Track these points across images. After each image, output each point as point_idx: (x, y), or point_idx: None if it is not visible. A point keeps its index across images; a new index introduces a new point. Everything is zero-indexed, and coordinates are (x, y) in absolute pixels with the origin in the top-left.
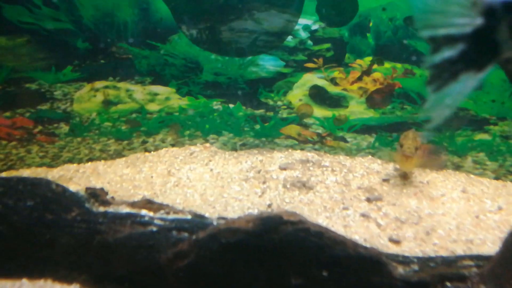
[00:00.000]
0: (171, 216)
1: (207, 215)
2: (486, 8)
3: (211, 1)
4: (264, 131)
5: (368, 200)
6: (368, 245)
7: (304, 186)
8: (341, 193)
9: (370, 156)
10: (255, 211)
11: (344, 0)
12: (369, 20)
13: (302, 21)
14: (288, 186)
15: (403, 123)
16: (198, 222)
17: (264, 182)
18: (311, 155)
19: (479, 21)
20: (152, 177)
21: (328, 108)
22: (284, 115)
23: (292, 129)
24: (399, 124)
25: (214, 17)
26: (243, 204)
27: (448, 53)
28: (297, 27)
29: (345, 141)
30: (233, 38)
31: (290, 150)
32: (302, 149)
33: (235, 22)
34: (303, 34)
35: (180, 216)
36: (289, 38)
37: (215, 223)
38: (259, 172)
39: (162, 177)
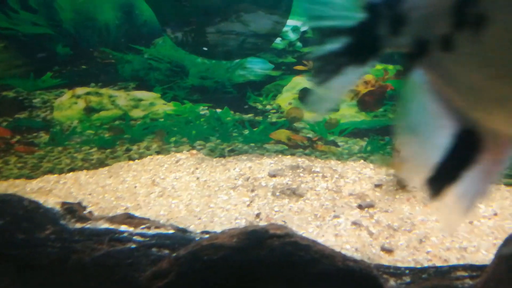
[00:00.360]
0: (152, 231)
1: (192, 227)
2: (369, 3)
3: (197, 2)
4: (253, 136)
5: (360, 207)
6: (359, 256)
7: (294, 193)
8: (332, 200)
9: (362, 161)
10: (243, 222)
11: None
12: None
13: (291, 22)
14: (277, 194)
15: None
16: (180, 237)
17: (252, 190)
18: (301, 160)
19: (361, 15)
20: (135, 187)
21: None
22: (274, 120)
23: (282, 134)
24: (391, 127)
25: (199, 19)
26: (231, 215)
27: (332, 45)
28: (285, 28)
29: (336, 145)
30: (219, 41)
31: (280, 156)
32: (292, 154)
33: (222, 24)
34: (292, 36)
35: (161, 231)
36: (278, 40)
37: (197, 238)
38: (247, 179)
39: (146, 187)
